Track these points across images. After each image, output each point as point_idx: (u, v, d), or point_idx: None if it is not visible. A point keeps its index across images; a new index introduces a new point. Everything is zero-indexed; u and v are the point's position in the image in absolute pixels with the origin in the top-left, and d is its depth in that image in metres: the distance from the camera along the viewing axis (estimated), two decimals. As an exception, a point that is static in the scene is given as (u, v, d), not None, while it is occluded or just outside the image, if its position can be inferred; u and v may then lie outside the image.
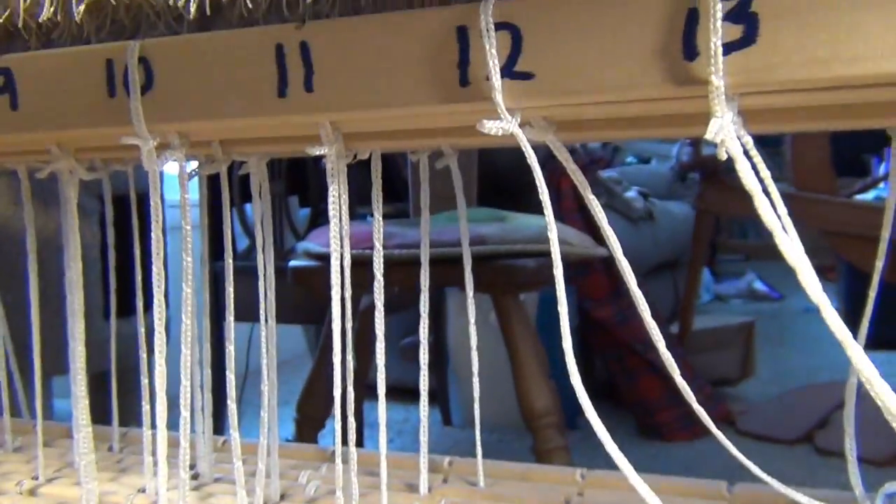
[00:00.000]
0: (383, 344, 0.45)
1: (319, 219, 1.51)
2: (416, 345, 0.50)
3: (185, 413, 0.52)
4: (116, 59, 0.37)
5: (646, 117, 0.34)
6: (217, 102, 0.36)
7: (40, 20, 0.39)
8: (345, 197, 0.40)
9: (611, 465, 0.36)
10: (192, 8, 0.35)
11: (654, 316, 0.38)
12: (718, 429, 0.39)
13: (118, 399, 0.58)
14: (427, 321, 0.50)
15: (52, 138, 0.41)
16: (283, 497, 0.48)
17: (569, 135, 0.36)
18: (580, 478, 0.48)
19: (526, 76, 0.31)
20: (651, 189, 2.30)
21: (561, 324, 0.49)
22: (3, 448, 0.57)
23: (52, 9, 0.38)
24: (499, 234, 1.11)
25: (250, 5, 0.35)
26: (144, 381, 0.49)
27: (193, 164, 0.45)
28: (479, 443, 0.49)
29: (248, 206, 1.53)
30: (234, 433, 0.44)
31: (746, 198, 0.29)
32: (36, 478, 0.51)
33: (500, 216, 1.29)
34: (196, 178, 0.50)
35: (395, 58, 0.33)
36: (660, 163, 2.92)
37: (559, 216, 1.79)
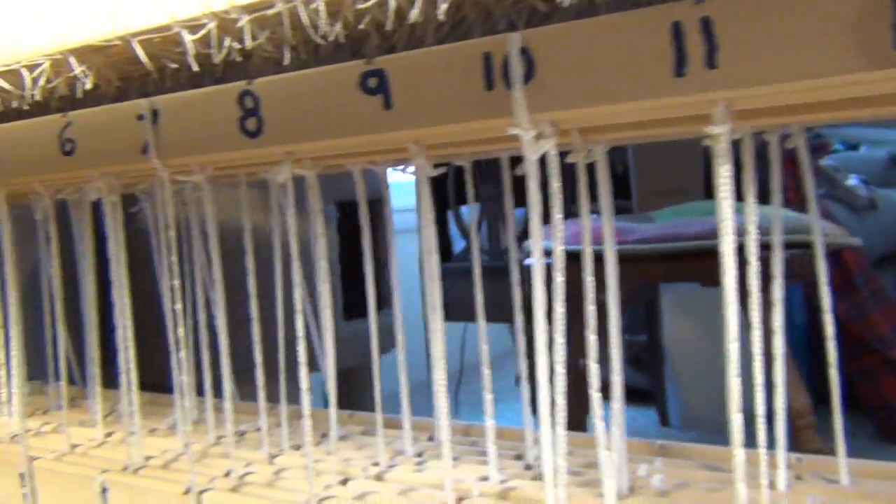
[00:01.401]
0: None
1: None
2: (629, 344, 0.49)
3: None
4: (495, 52, 0.38)
5: None
6: (606, 87, 0.35)
7: (409, 21, 0.40)
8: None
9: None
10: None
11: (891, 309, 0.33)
12: None
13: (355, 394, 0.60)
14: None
15: (413, 136, 0.42)
16: (632, 490, 0.47)
17: None
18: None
19: None
20: (865, 176, 2.12)
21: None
22: (326, 439, 0.60)
23: (418, 9, 0.39)
24: (741, 228, 1.06)
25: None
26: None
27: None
28: (841, 439, 0.46)
29: (464, 209, 1.56)
30: (599, 423, 0.44)
31: None
32: (377, 464, 0.54)
33: (736, 208, 1.23)
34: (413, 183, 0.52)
35: (816, 24, 0.31)
36: (870, 148, 2.70)
37: (786, 205, 1.68)
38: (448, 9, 0.40)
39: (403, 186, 1.38)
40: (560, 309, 0.42)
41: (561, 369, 0.45)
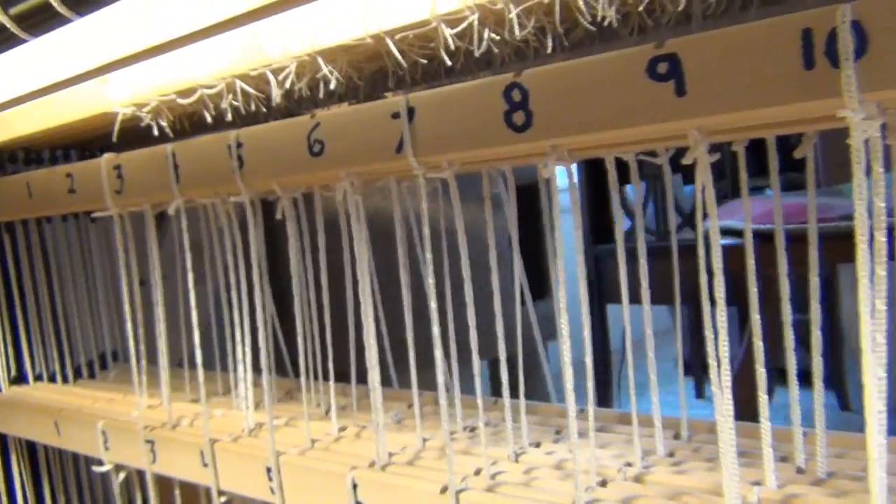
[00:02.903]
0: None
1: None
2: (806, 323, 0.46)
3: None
4: (816, 27, 0.35)
5: None
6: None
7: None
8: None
9: None
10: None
11: None
12: None
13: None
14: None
15: (712, 121, 0.40)
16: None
17: None
18: None
19: None
20: None
21: None
22: (560, 436, 0.59)
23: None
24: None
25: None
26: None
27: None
28: None
29: (628, 187, 1.51)
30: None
31: None
32: (630, 464, 0.52)
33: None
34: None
35: None
36: None
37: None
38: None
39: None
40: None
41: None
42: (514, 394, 0.56)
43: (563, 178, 0.49)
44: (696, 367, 2.02)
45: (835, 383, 1.60)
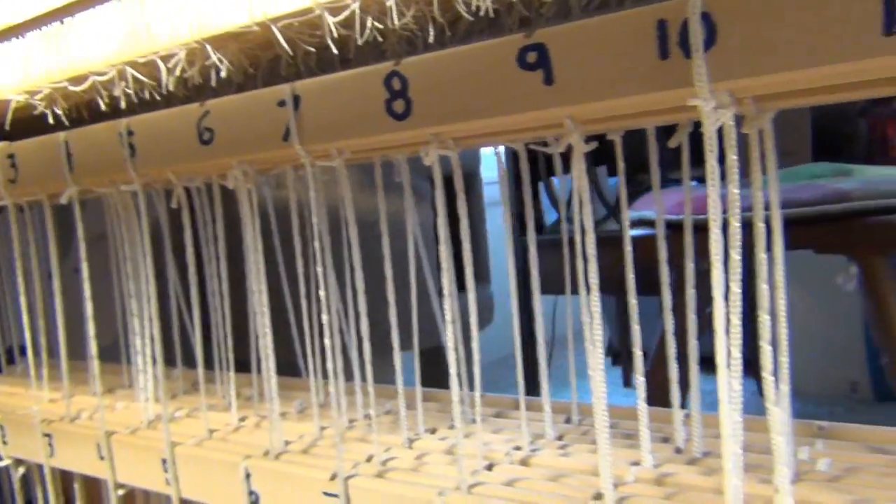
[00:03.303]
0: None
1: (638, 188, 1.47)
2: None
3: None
4: (671, 18, 0.36)
5: None
6: (805, 49, 0.33)
7: None
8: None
9: None
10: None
11: None
12: None
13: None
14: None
15: (571, 111, 0.41)
16: (798, 476, 0.45)
17: None
18: None
19: None
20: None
21: None
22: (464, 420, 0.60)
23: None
24: (863, 189, 1.01)
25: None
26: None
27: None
28: None
29: (556, 180, 1.53)
30: (774, 408, 0.42)
31: None
32: (518, 448, 0.53)
33: (845, 170, 1.18)
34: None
35: None
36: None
37: (887, 164, 1.61)
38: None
39: (492, 158, 1.37)
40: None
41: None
42: (430, 382, 0.57)
43: (492, 172, 0.50)
44: (625, 356, 2.05)
45: (754, 370, 1.65)
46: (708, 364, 0.44)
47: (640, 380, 0.48)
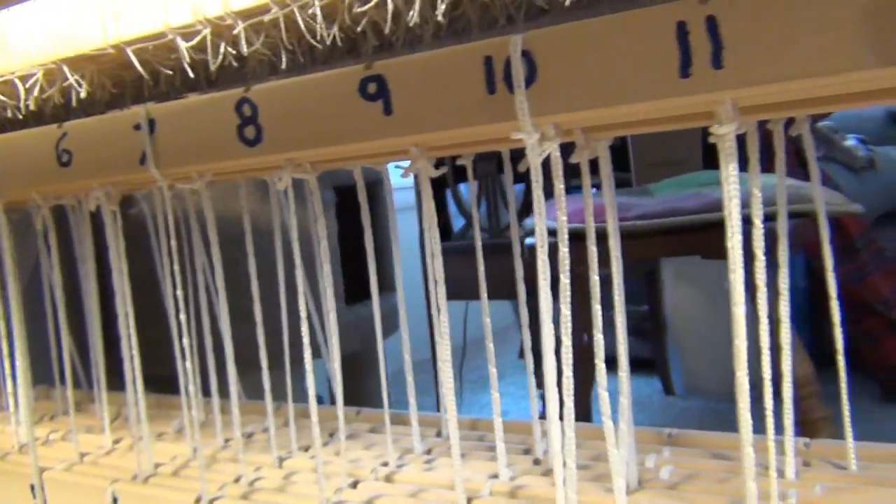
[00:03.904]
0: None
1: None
2: (634, 314, 0.49)
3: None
4: (496, 56, 0.37)
5: None
6: (610, 89, 0.35)
7: (409, 24, 0.40)
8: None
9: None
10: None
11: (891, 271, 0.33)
12: None
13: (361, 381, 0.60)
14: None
15: (415, 139, 0.42)
16: (640, 484, 0.47)
17: None
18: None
19: None
20: (863, 135, 2.12)
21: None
22: (335, 438, 0.60)
23: (416, 13, 0.39)
24: (743, 198, 1.05)
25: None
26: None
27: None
28: (848, 425, 0.46)
29: (463, 187, 1.55)
30: (608, 420, 0.44)
31: None
32: (386, 464, 0.54)
33: (733, 178, 1.23)
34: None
35: (824, 22, 0.30)
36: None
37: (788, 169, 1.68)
38: (446, 8, 0.39)
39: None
40: (566, 280, 0.41)
41: (567, 342, 0.44)
42: (348, 388, 0.57)
43: (399, 178, 0.50)
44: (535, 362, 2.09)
45: (659, 370, 1.71)
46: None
47: (494, 395, 0.50)
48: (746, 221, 0.40)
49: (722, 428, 0.54)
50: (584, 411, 1.31)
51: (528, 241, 1.12)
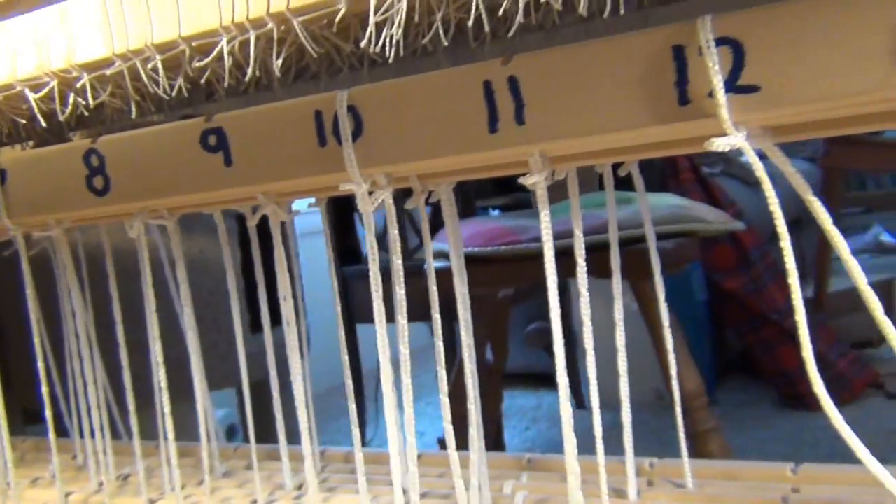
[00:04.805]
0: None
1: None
2: (542, 331, 0.52)
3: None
4: (325, 110, 0.39)
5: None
6: (428, 142, 0.37)
7: (246, 79, 0.41)
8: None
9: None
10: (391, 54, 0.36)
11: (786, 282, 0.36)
12: (867, 393, 0.38)
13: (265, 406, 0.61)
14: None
15: (259, 189, 0.43)
16: (495, 509, 0.49)
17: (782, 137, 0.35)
18: (791, 473, 0.48)
19: (751, 90, 0.31)
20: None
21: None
22: (213, 474, 0.61)
23: (254, 68, 0.40)
24: (631, 218, 1.10)
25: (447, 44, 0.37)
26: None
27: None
28: (683, 444, 0.49)
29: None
30: (453, 452, 0.46)
31: (880, 151, 0.27)
32: (255, 502, 0.54)
33: (626, 198, 1.28)
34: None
35: (609, 83, 0.33)
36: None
37: (678, 189, 1.75)
38: (287, 58, 0.41)
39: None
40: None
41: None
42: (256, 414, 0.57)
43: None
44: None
45: (571, 383, 1.75)
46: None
47: (355, 431, 0.51)
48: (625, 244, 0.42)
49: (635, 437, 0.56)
50: (497, 432, 1.34)
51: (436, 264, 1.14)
